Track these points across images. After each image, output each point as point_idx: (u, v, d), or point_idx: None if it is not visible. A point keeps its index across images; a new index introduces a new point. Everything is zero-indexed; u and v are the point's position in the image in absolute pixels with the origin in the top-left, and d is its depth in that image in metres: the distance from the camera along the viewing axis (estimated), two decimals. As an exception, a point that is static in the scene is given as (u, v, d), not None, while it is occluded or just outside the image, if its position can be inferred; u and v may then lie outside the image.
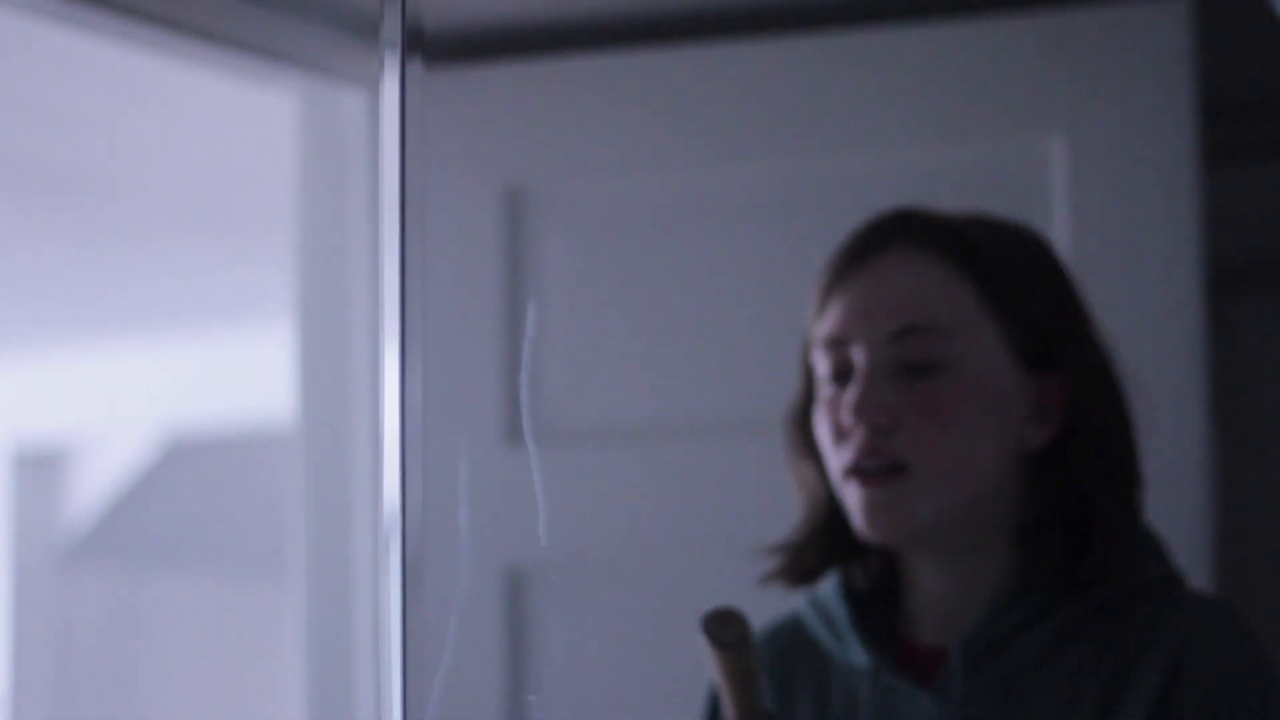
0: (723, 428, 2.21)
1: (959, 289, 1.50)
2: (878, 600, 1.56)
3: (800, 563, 1.57)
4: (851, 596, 1.56)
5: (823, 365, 1.52)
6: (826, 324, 1.52)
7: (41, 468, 6.06)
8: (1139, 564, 1.51)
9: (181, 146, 3.52)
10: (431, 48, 1.17)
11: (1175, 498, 2.07)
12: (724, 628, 1.45)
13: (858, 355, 1.50)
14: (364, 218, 2.41)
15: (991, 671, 1.47)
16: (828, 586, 1.58)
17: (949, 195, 2.17)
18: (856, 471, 1.49)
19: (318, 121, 2.45)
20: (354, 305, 2.42)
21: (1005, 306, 1.50)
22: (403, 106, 1.14)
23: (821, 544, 1.57)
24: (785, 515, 1.62)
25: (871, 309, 1.50)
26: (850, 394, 1.49)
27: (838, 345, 1.51)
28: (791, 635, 1.60)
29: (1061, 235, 2.13)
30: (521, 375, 2.21)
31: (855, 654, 1.53)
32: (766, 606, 1.62)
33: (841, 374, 1.51)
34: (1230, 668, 1.44)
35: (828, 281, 1.54)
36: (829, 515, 1.55)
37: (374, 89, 2.38)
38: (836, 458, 1.51)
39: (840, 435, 1.50)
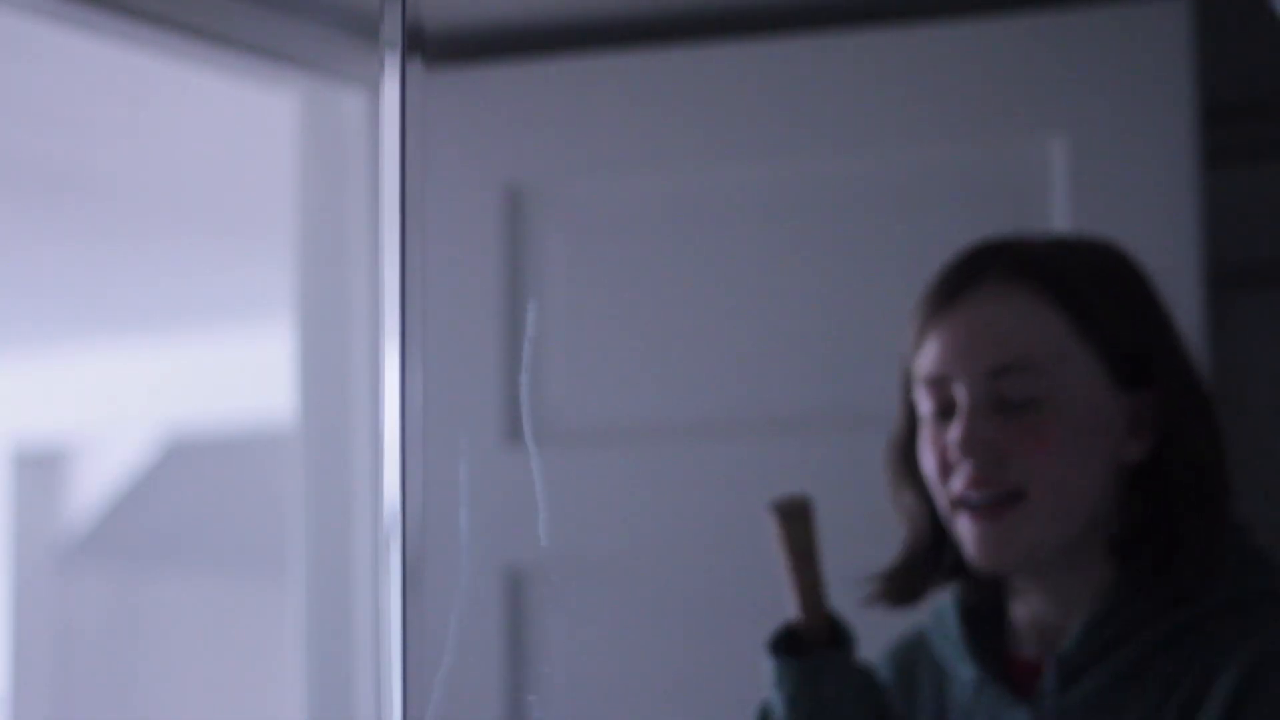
0: (723, 428, 2.21)
1: (1051, 322, 1.54)
2: (989, 614, 1.61)
3: (902, 586, 1.62)
4: (964, 611, 1.61)
5: (925, 402, 1.57)
6: (926, 361, 1.56)
7: (41, 468, 6.06)
8: (1231, 577, 1.54)
9: (182, 146, 3.52)
10: (431, 48, 1.17)
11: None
12: (789, 504, 1.56)
13: (959, 392, 1.54)
14: (364, 218, 2.41)
15: (1084, 686, 1.52)
16: (946, 602, 1.63)
17: (949, 195, 2.17)
18: (965, 504, 1.53)
19: (318, 121, 2.45)
20: (354, 305, 2.42)
21: (1097, 334, 1.54)
22: (403, 106, 1.14)
23: (924, 568, 1.61)
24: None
25: (968, 347, 1.54)
26: (955, 430, 1.53)
27: (939, 383, 1.55)
28: (916, 648, 1.66)
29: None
30: (521, 375, 2.21)
31: (964, 667, 1.59)
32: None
33: (945, 410, 1.55)
34: None
35: (924, 317, 1.58)
36: (931, 541, 1.60)
37: (374, 89, 2.38)
38: (944, 490, 1.55)
39: (946, 469, 1.55)
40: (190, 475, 6.01)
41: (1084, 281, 1.56)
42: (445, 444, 1.27)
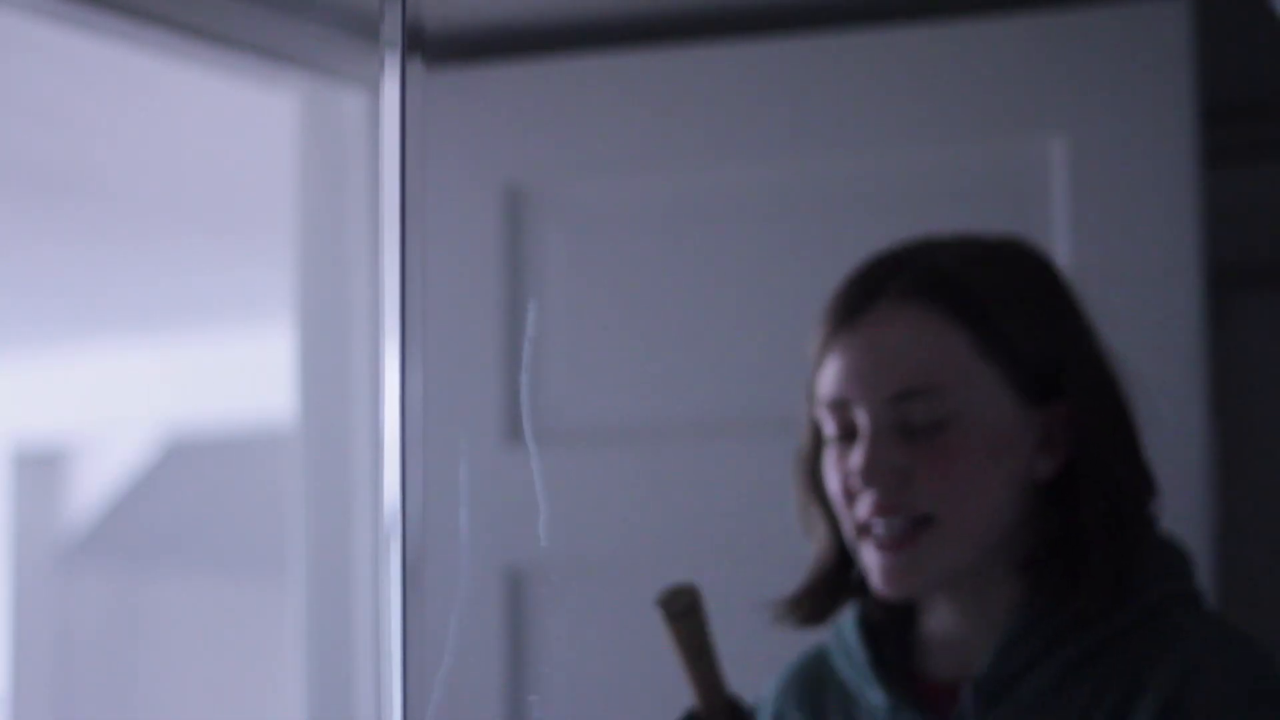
0: (722, 428, 2.21)
1: (953, 341, 1.48)
2: (894, 635, 1.56)
3: (811, 605, 1.57)
4: (869, 633, 1.56)
5: (828, 424, 1.51)
6: (826, 383, 1.51)
7: (41, 468, 6.06)
8: (1148, 587, 1.49)
9: (182, 146, 3.52)
10: (431, 48, 1.17)
11: (1175, 498, 2.07)
12: (674, 599, 1.48)
13: (860, 417, 1.49)
14: (364, 218, 2.41)
15: (1004, 708, 1.47)
16: (847, 621, 1.58)
17: (949, 195, 2.17)
18: (869, 532, 1.49)
19: (318, 121, 2.45)
20: (354, 305, 2.42)
21: (1002, 351, 1.48)
22: (403, 106, 1.14)
23: (831, 587, 1.56)
24: (784, 516, 1.62)
25: (868, 371, 1.48)
26: (856, 458, 1.48)
27: (839, 406, 1.50)
28: (819, 668, 1.60)
29: (1061, 235, 2.13)
30: (521, 375, 2.21)
31: (874, 693, 1.53)
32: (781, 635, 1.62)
33: (847, 433, 1.50)
34: (1233, 700, 1.43)
35: (823, 335, 1.52)
36: (837, 560, 1.55)
37: (374, 89, 2.38)
38: (848, 514, 1.51)
39: (850, 494, 1.50)
40: (190, 475, 6.01)
41: (988, 295, 1.49)
42: (445, 444, 1.27)
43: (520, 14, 2.29)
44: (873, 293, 1.50)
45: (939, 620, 1.53)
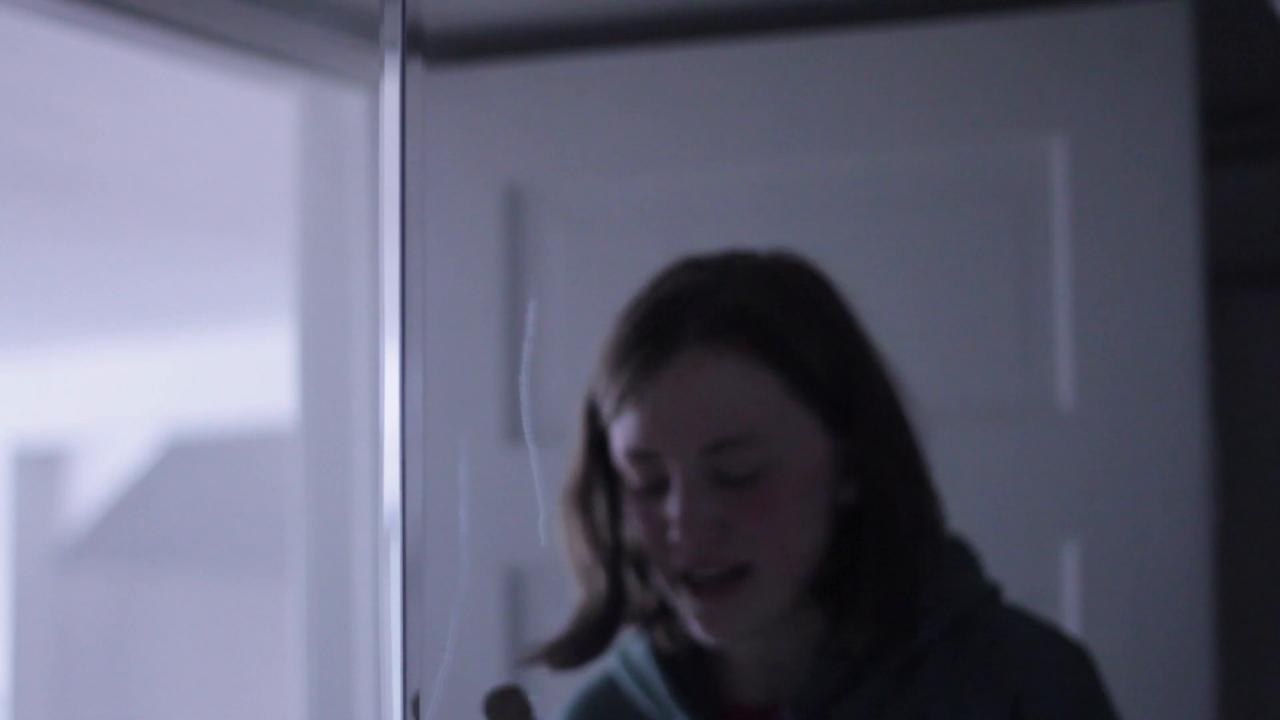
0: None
1: (762, 384, 1.43)
2: (690, 662, 1.51)
3: (584, 643, 1.50)
4: (663, 661, 1.51)
5: (631, 474, 1.45)
6: (629, 435, 1.44)
7: (41, 468, 6.06)
8: (955, 593, 1.47)
9: (182, 146, 3.52)
10: (431, 48, 1.17)
11: (1175, 498, 2.07)
12: (503, 705, 1.39)
13: (672, 467, 1.43)
14: (364, 218, 2.41)
15: None
16: (638, 651, 1.53)
17: (949, 195, 2.17)
18: (687, 581, 1.44)
19: (318, 121, 2.45)
20: (354, 305, 2.42)
21: (809, 387, 1.44)
22: (403, 106, 1.14)
23: (606, 622, 1.50)
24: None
25: (678, 422, 1.42)
26: (673, 508, 1.42)
27: (646, 457, 1.43)
28: (609, 699, 1.54)
29: (1061, 235, 2.13)
30: (521, 375, 2.21)
31: None
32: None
33: (655, 484, 1.44)
34: (1071, 708, 1.42)
35: (623, 383, 1.45)
36: (612, 594, 1.49)
37: (374, 89, 2.38)
38: (661, 562, 1.45)
39: (663, 544, 1.44)
40: (190, 475, 6.01)
41: (790, 332, 1.44)
42: (445, 444, 1.27)
43: (520, 14, 2.29)
44: (673, 337, 1.44)
45: (750, 648, 1.49)
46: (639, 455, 1.43)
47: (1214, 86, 2.17)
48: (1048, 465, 2.11)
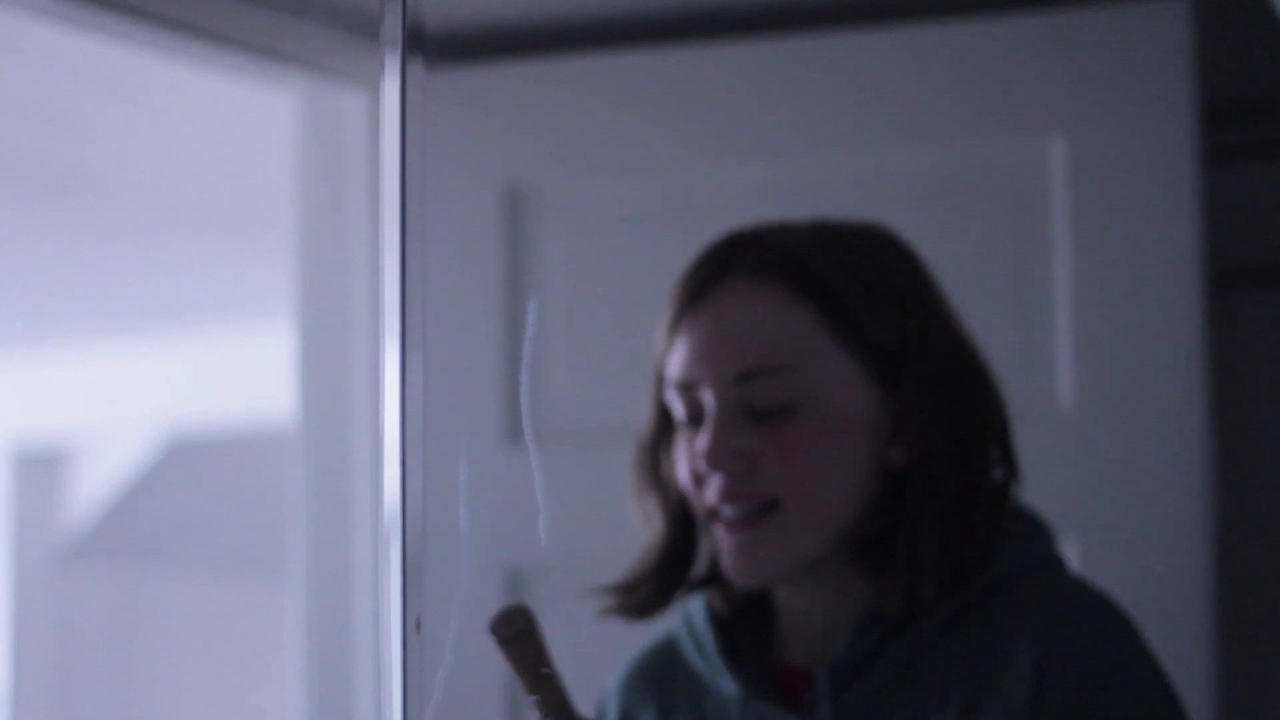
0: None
1: (798, 319, 1.44)
2: (745, 623, 1.52)
3: (645, 597, 1.53)
4: (718, 621, 1.52)
5: (678, 408, 1.48)
6: (674, 366, 1.48)
7: (41, 468, 6.06)
8: (1003, 556, 1.46)
9: (182, 146, 3.52)
10: (431, 48, 1.17)
11: (1175, 498, 2.07)
12: (507, 623, 1.43)
13: (706, 398, 1.45)
14: (364, 218, 2.41)
15: (857, 692, 1.44)
16: (697, 610, 1.55)
17: (949, 195, 2.17)
18: (718, 517, 1.46)
19: (318, 121, 2.45)
20: (354, 305, 2.42)
21: (849, 332, 1.45)
22: (403, 106, 1.14)
23: (668, 578, 1.53)
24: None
25: (714, 351, 1.45)
26: (702, 440, 1.45)
27: (687, 388, 1.47)
28: (669, 657, 1.56)
29: (1061, 235, 2.13)
30: (521, 375, 2.21)
31: (725, 682, 1.50)
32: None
33: (695, 416, 1.47)
34: (1098, 667, 1.40)
35: (671, 317, 1.49)
36: (676, 549, 1.52)
37: (374, 89, 2.38)
38: (698, 499, 1.47)
39: (699, 478, 1.46)
40: (190, 475, 6.01)
41: (834, 274, 1.45)
42: (445, 444, 1.27)
43: (520, 14, 2.29)
44: (719, 272, 1.47)
45: (792, 606, 1.50)
46: (681, 386, 1.47)
47: (1214, 86, 2.17)
48: (1048, 465, 2.11)
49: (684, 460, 1.48)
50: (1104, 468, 2.09)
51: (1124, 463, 2.09)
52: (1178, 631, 2.05)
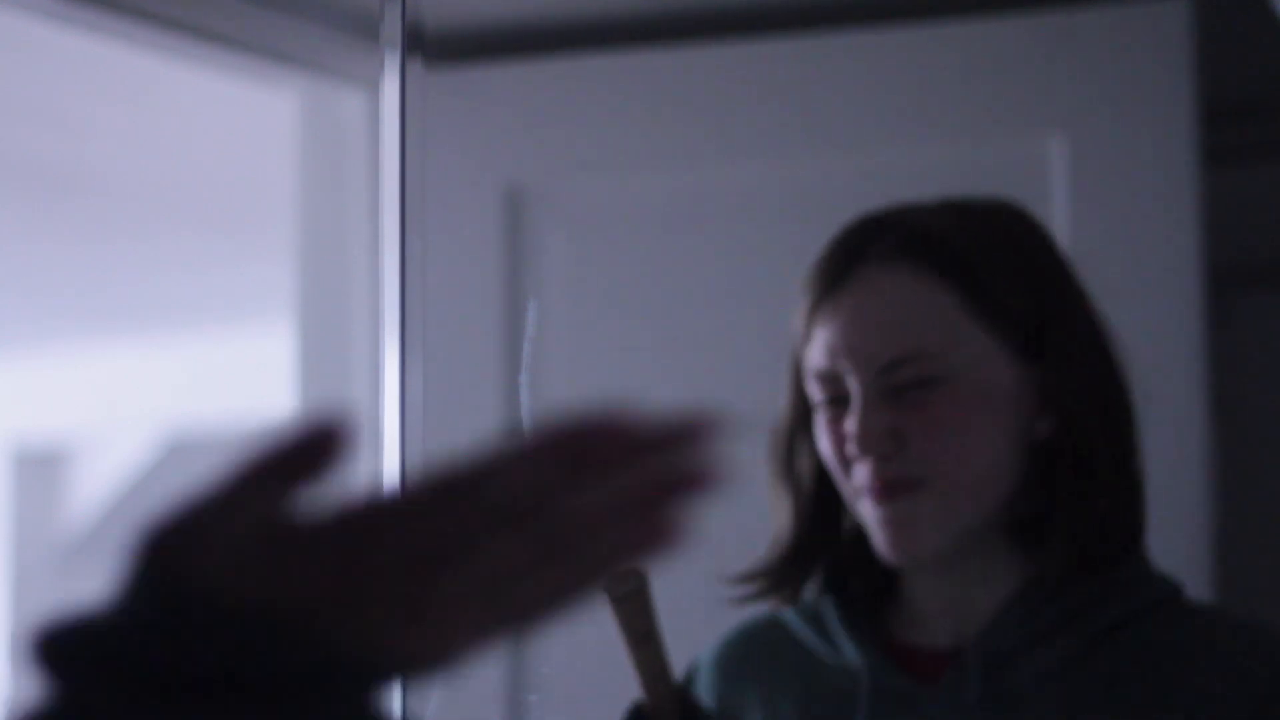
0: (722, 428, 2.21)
1: (940, 302, 1.46)
2: (864, 600, 1.53)
3: (785, 580, 1.54)
4: (838, 597, 1.53)
5: (818, 394, 1.49)
6: (815, 356, 1.49)
7: (41, 468, 6.06)
8: (1145, 579, 1.48)
9: (182, 146, 3.52)
10: (431, 48, 1.17)
11: (1175, 498, 2.07)
12: (620, 582, 1.43)
13: (852, 385, 1.47)
14: (364, 218, 2.41)
15: (1010, 677, 1.44)
16: (811, 588, 1.55)
17: (949, 195, 2.17)
18: (869, 496, 1.46)
19: (318, 121, 2.45)
20: (354, 304, 2.42)
21: (989, 307, 1.46)
22: (403, 106, 1.14)
23: (807, 560, 1.54)
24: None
25: (857, 341, 1.46)
26: (850, 425, 1.46)
27: (830, 377, 1.48)
28: (771, 634, 1.57)
29: (1061, 235, 2.13)
30: (521, 375, 2.21)
31: (850, 655, 1.50)
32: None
33: (838, 399, 1.48)
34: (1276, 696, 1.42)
35: (809, 306, 1.50)
36: (814, 532, 1.53)
37: (374, 89, 2.38)
38: (846, 480, 1.48)
39: (845, 460, 1.48)
40: (191, 475, 6.00)
41: (971, 252, 1.47)
42: (445, 444, 1.27)
43: (520, 14, 2.29)
44: (855, 258, 1.48)
45: (926, 589, 1.50)
46: (823, 376, 1.48)
47: (1214, 86, 2.16)
48: (1048, 465, 2.11)
49: (827, 437, 1.49)
50: (1104, 468, 2.09)
51: (1124, 463, 2.09)
52: (1178, 631, 2.06)
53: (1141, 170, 2.10)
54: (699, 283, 2.24)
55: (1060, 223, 2.12)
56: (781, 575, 1.54)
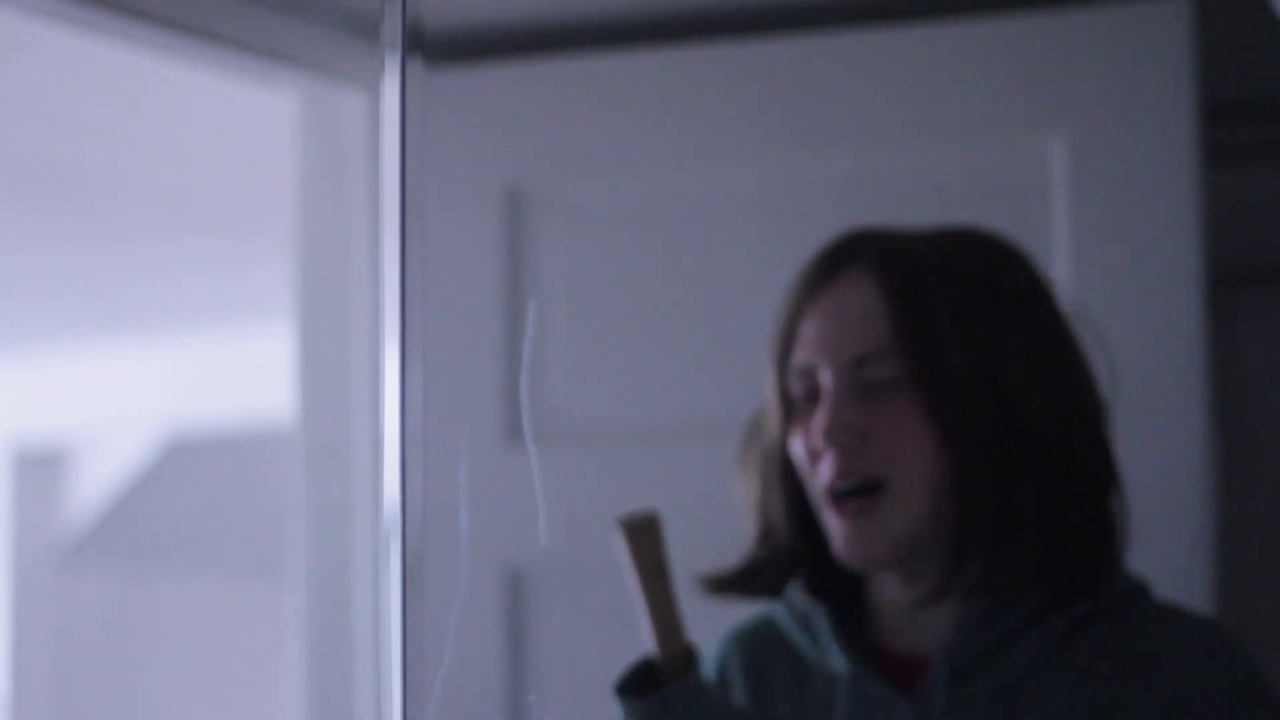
0: (723, 428, 2.21)
1: (910, 307, 1.52)
2: (846, 606, 1.56)
3: (764, 577, 1.59)
4: (829, 600, 1.56)
5: (797, 389, 1.56)
6: (798, 353, 1.56)
7: (41, 468, 6.06)
8: (1116, 569, 1.51)
9: (182, 146, 3.52)
10: (431, 48, 1.17)
11: (1175, 498, 2.07)
12: (635, 519, 1.52)
13: (824, 379, 1.53)
14: (364, 218, 2.41)
15: (979, 682, 1.47)
16: (795, 592, 1.59)
17: (949, 196, 2.17)
18: (832, 495, 1.51)
19: (318, 121, 2.45)
20: (354, 305, 2.42)
21: (953, 325, 1.51)
22: (403, 106, 1.14)
23: (786, 558, 1.58)
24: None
25: (831, 335, 1.53)
26: (819, 417, 1.52)
27: (806, 372, 1.54)
28: (766, 634, 1.60)
29: (1061, 235, 2.13)
30: (521, 375, 2.21)
31: (835, 660, 1.53)
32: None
33: (812, 397, 1.54)
34: (1239, 696, 1.44)
35: (792, 308, 1.58)
36: (794, 530, 1.57)
37: (374, 89, 2.38)
38: (814, 481, 1.53)
39: (815, 457, 1.52)
40: (190, 475, 6.01)
41: (932, 273, 1.53)
42: (445, 444, 1.27)
43: (520, 14, 2.29)
44: (840, 264, 1.56)
45: (897, 597, 1.53)
46: (802, 370, 1.54)
47: (1214, 86, 2.16)
48: (1048, 465, 2.11)
49: (801, 439, 1.54)
50: (1104, 468, 2.09)
51: (1123, 463, 2.09)
52: (1178, 631, 2.06)
53: (1141, 170, 2.10)
54: (699, 283, 2.24)
55: (1060, 223, 2.12)
56: (767, 571, 1.59)
